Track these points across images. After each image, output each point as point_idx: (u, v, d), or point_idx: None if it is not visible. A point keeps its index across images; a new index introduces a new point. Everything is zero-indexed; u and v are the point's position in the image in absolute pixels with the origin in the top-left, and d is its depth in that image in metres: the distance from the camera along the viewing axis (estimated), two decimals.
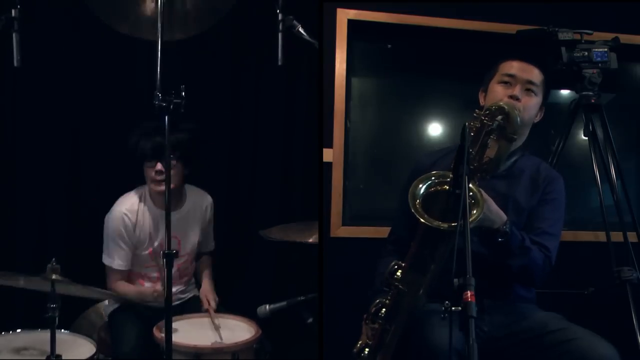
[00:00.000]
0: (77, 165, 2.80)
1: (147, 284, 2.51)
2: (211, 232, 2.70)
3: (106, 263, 2.45)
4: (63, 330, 2.14)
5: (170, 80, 1.83)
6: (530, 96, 2.05)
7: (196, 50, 2.82)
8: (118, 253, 2.43)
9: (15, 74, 2.62)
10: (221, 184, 2.94)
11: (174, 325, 1.97)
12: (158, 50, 1.82)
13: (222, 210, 2.78)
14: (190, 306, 2.53)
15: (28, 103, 2.70)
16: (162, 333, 1.97)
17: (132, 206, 2.45)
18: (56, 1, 2.68)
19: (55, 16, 2.69)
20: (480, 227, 1.81)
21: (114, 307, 2.48)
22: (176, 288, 2.53)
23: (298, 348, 2.72)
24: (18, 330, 2.18)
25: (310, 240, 2.29)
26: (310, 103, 2.96)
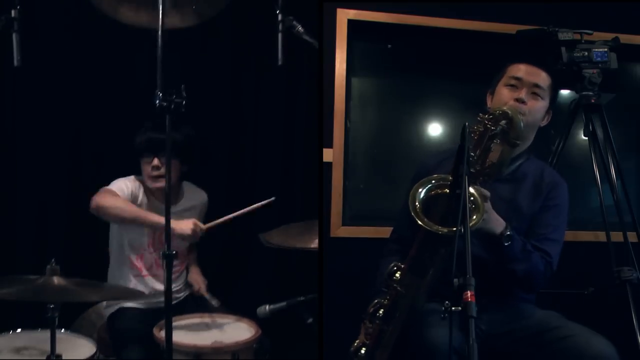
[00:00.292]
0: (77, 165, 2.80)
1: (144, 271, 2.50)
2: None
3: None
4: (63, 330, 2.14)
5: (170, 80, 1.83)
6: (536, 99, 2.05)
7: (196, 50, 2.82)
8: (118, 185, 2.40)
9: (15, 74, 2.62)
10: (221, 184, 2.94)
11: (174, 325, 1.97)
12: (159, 48, 1.81)
13: (222, 209, 2.75)
14: (189, 306, 2.53)
15: (28, 103, 2.70)
16: (162, 333, 1.97)
17: (132, 182, 2.44)
18: (56, 1, 2.68)
19: (55, 16, 2.69)
20: (480, 230, 1.81)
21: (114, 308, 2.48)
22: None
23: (298, 348, 2.72)
24: (18, 330, 2.17)
25: (311, 246, 2.28)
26: (310, 103, 2.96)
